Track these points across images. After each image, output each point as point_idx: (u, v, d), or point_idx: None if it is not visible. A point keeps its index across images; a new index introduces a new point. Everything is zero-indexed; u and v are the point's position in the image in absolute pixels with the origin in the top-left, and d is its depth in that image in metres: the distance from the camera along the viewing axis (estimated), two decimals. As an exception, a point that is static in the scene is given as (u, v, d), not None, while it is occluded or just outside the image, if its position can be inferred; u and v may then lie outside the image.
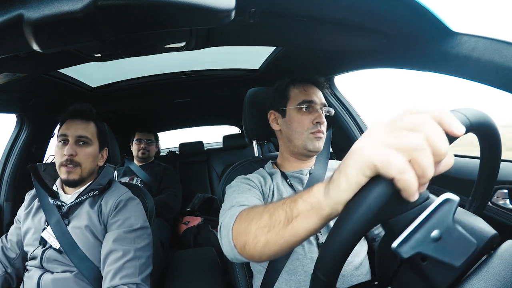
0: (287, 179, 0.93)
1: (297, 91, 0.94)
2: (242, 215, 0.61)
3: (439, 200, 0.35)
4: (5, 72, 0.85)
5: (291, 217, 0.45)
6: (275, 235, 0.48)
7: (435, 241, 0.34)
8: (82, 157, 0.99)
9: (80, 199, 0.99)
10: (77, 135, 0.99)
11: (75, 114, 1.02)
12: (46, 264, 0.95)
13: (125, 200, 1.00)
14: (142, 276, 0.91)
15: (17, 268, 1.03)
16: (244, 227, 0.56)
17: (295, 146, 0.93)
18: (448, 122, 0.32)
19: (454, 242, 0.35)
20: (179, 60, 1.34)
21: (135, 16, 0.44)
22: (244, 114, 1.11)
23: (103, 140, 1.08)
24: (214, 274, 1.25)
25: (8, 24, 0.40)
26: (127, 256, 0.90)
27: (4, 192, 1.39)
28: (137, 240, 0.95)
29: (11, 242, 1.05)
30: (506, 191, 0.83)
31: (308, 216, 0.42)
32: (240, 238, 0.57)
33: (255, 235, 0.52)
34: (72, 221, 0.98)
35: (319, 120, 0.90)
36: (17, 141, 1.42)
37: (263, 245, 0.50)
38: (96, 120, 1.06)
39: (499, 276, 0.34)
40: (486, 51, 0.58)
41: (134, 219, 0.97)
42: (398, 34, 0.72)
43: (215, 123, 3.28)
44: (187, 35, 0.74)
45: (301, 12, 0.63)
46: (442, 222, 0.34)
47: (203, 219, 2.12)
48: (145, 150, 2.16)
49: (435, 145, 0.31)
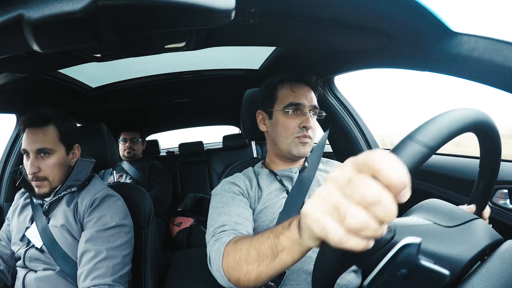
0: (276, 175, 0.91)
1: (285, 92, 0.90)
2: (229, 252, 0.63)
3: (398, 246, 0.35)
4: (5, 72, 0.85)
5: (276, 252, 0.48)
6: (265, 268, 0.51)
7: (405, 279, 0.35)
8: (47, 170, 0.93)
9: (58, 196, 0.96)
10: (35, 148, 0.91)
11: (30, 122, 0.94)
12: (28, 263, 0.94)
13: (101, 198, 0.96)
14: (115, 277, 0.87)
15: (10, 265, 1.02)
16: (234, 265, 0.59)
17: (280, 149, 0.91)
18: (400, 189, 0.28)
19: (424, 277, 0.35)
20: (179, 60, 1.34)
21: (135, 16, 0.44)
22: (242, 115, 1.11)
23: (69, 140, 0.99)
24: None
25: (8, 24, 0.40)
26: (99, 256, 0.87)
27: (4, 192, 1.39)
28: (111, 239, 0.91)
29: (3, 239, 1.05)
30: (506, 191, 0.83)
31: (291, 250, 0.46)
32: (232, 274, 0.60)
33: (246, 271, 0.55)
34: (51, 219, 0.96)
35: (305, 124, 0.86)
36: (17, 141, 1.42)
37: (255, 278, 0.54)
38: (55, 121, 0.97)
39: (499, 276, 0.34)
40: (486, 51, 0.58)
41: (109, 217, 0.93)
42: (398, 34, 0.72)
43: (215, 123, 3.28)
44: (187, 35, 0.74)
45: (301, 12, 0.63)
46: (406, 263, 0.35)
47: (195, 220, 2.10)
48: (130, 149, 2.14)
49: (382, 220, 0.29)
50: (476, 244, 0.39)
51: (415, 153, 0.31)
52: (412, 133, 0.32)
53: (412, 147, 0.31)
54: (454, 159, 1.06)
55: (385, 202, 0.28)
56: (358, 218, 0.29)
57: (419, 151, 0.31)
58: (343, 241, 0.30)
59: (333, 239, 0.30)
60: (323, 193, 0.33)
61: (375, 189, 0.28)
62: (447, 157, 1.08)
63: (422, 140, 0.32)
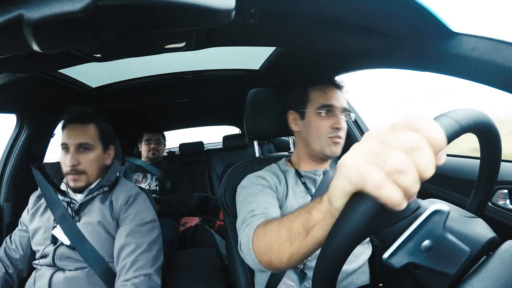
0: (301, 177, 0.93)
1: (317, 94, 0.93)
2: (259, 234, 0.63)
3: (428, 211, 0.35)
4: (5, 72, 0.85)
5: (308, 228, 0.47)
6: (297, 247, 0.50)
7: (427, 251, 0.34)
8: (86, 164, 0.98)
9: (91, 196, 0.99)
10: (77, 143, 0.97)
11: (72, 119, 1.00)
12: (58, 261, 0.95)
13: (134, 194, 1.02)
14: (154, 268, 0.93)
15: (19, 270, 1.04)
16: (265, 246, 0.59)
17: (313, 150, 0.92)
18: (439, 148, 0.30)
19: (446, 251, 0.35)
20: (179, 60, 1.33)
21: (135, 16, 0.44)
22: (245, 115, 1.11)
23: (106, 140, 1.07)
24: (214, 274, 1.25)
25: (8, 24, 0.40)
26: (140, 249, 0.92)
27: (4, 192, 1.39)
28: (148, 233, 0.97)
29: (15, 243, 1.05)
30: (506, 191, 0.83)
31: (323, 224, 0.44)
32: (264, 256, 0.59)
33: (278, 252, 0.54)
34: (83, 217, 0.99)
35: (338, 126, 0.89)
36: (17, 141, 1.42)
37: (288, 258, 0.53)
38: (96, 121, 1.04)
39: (499, 277, 0.34)
40: (486, 51, 0.57)
41: (145, 213, 0.99)
42: (398, 34, 0.72)
43: (215, 123, 3.29)
44: (187, 36, 0.74)
45: (301, 13, 0.63)
46: (432, 232, 0.34)
47: (201, 219, 2.12)
48: (155, 150, 2.18)
49: (422, 170, 0.30)
50: (489, 231, 0.40)
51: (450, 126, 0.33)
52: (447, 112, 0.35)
53: (448, 120, 0.34)
54: (454, 159, 1.06)
55: (427, 151, 0.29)
56: (400, 160, 0.29)
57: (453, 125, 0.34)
58: (383, 185, 0.29)
59: (373, 181, 0.30)
60: (361, 144, 0.33)
61: (418, 137, 0.29)
62: (447, 157, 1.08)
63: (456, 118, 0.34)
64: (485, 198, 0.50)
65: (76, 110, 1.02)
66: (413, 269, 0.36)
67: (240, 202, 0.83)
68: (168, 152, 2.96)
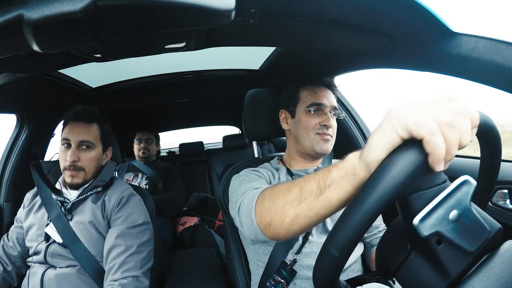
0: (293, 176, 0.93)
1: (307, 93, 0.94)
2: (265, 194, 0.59)
3: (458, 181, 0.36)
4: (5, 72, 0.85)
5: (323, 186, 0.45)
6: (305, 207, 0.47)
7: (453, 222, 0.35)
8: (85, 161, 0.99)
9: (84, 196, 1.00)
10: (79, 140, 0.99)
11: (77, 116, 1.02)
12: (50, 259, 0.95)
13: (127, 196, 1.02)
14: (143, 270, 0.93)
15: (18, 267, 1.04)
16: (269, 205, 0.55)
17: (303, 146, 0.93)
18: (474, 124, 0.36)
19: (470, 225, 0.36)
20: (179, 60, 1.33)
21: (135, 16, 0.44)
22: (244, 115, 1.11)
23: (106, 141, 1.08)
24: (214, 274, 1.25)
25: (8, 24, 0.40)
26: (129, 251, 0.92)
27: (4, 192, 1.39)
28: (139, 235, 0.97)
29: (12, 240, 1.05)
30: (506, 191, 0.83)
31: (341, 183, 0.42)
32: (264, 216, 0.56)
33: (282, 211, 0.51)
34: (75, 216, 0.99)
35: (326, 123, 0.90)
36: (17, 141, 1.42)
37: (291, 219, 0.49)
38: (99, 121, 1.06)
39: (500, 277, 0.34)
40: (486, 51, 0.57)
41: (136, 215, 0.99)
42: (398, 34, 0.72)
43: (215, 123, 3.28)
44: (187, 36, 0.74)
45: (301, 13, 0.63)
46: (460, 203, 0.35)
47: (200, 219, 2.13)
48: (145, 150, 2.17)
49: (463, 135, 0.34)
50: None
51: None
52: None
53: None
54: (454, 159, 1.06)
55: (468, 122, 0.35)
56: (452, 115, 0.33)
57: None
58: (434, 133, 0.32)
59: (425, 126, 0.32)
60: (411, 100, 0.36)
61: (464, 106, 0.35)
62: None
63: None
64: (485, 198, 0.50)
65: (82, 108, 1.03)
66: (435, 244, 0.35)
67: (238, 184, 0.79)
68: (168, 152, 2.96)
